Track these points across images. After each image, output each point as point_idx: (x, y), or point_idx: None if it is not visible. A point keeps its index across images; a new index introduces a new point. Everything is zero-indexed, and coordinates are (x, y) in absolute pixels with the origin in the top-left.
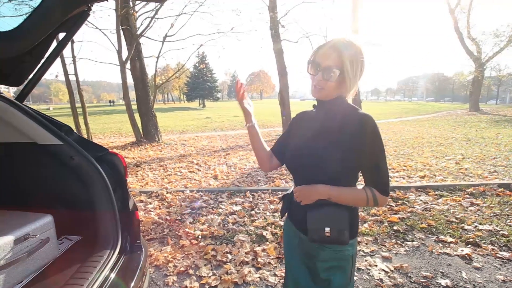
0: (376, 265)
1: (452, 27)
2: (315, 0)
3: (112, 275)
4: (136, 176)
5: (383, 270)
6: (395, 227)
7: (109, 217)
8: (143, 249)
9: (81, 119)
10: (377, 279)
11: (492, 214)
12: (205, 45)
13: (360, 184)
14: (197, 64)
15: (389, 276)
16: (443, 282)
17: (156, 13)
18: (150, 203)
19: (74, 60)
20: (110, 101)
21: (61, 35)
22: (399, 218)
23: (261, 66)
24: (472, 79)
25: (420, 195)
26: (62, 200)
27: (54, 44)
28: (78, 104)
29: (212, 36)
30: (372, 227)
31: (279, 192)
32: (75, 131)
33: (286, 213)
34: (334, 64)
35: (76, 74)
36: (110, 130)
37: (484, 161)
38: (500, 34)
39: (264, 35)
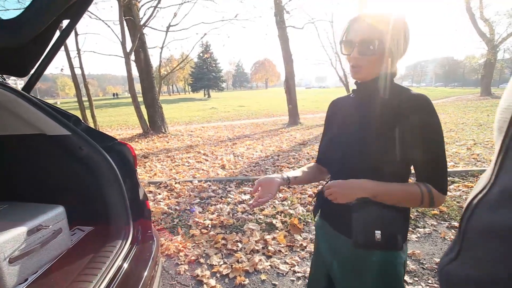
0: None
1: (464, 7)
2: None
3: (125, 265)
4: (144, 168)
5: None
6: None
7: (120, 207)
8: (154, 238)
9: (88, 113)
10: None
11: None
12: (209, 34)
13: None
14: (201, 54)
15: None
16: None
17: (158, 2)
18: (159, 194)
19: (79, 53)
20: (114, 94)
21: (65, 23)
22: None
23: (266, 54)
24: (484, 62)
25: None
26: (73, 191)
27: (57, 33)
28: (84, 98)
29: (216, 24)
30: None
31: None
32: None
33: (319, 211)
34: (370, 36)
35: (81, 67)
36: (117, 123)
37: None
38: None
39: (268, 21)
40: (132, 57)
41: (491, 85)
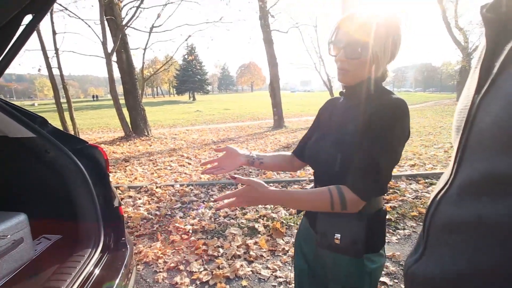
0: None
1: (440, 16)
2: None
3: (94, 275)
4: (124, 171)
5: None
6: (387, 216)
7: (90, 214)
8: (128, 246)
9: (67, 115)
10: None
11: None
12: (193, 36)
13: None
14: (186, 56)
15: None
16: None
17: (141, 2)
18: (139, 199)
19: (57, 53)
20: (93, 96)
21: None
22: (390, 207)
23: (251, 57)
24: (460, 68)
25: (410, 184)
26: (39, 197)
27: (20, 29)
28: (63, 100)
29: (201, 26)
30: None
31: (271, 184)
32: (50, 124)
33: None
34: (358, 38)
35: (59, 68)
36: (98, 125)
37: None
38: None
39: (254, 25)
40: (114, 58)
41: None
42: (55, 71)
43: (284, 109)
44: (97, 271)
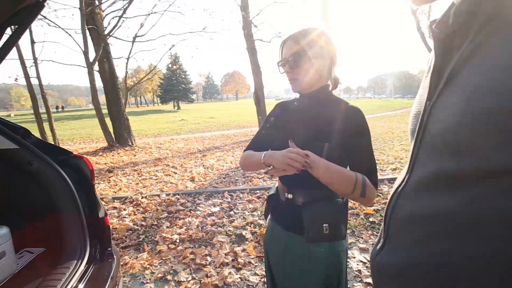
0: (355, 257)
1: (415, 27)
2: (286, 0)
3: (80, 287)
4: (108, 182)
5: (361, 261)
6: (370, 219)
7: (75, 225)
8: (114, 256)
9: (46, 126)
10: (356, 271)
11: None
12: (177, 46)
13: None
14: (170, 65)
15: (367, 267)
16: None
17: (124, 12)
18: (124, 209)
19: (35, 62)
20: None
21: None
22: (374, 210)
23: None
24: None
25: (392, 187)
26: (22, 209)
27: (4, 38)
28: (42, 110)
29: (184, 36)
30: (349, 220)
31: (258, 191)
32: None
33: (270, 215)
34: (295, 51)
35: (38, 77)
36: (79, 136)
37: None
38: None
39: (237, 34)
40: (96, 67)
41: None
42: (34, 81)
43: None
44: (81, 284)
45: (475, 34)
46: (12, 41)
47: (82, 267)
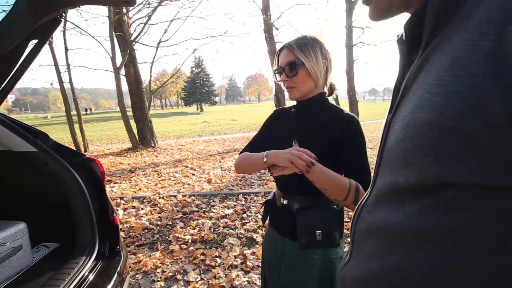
0: None
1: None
2: (309, 2)
3: (87, 282)
4: (130, 182)
5: None
6: None
7: (86, 223)
8: (122, 254)
9: (77, 127)
10: None
11: None
12: (200, 49)
13: None
14: (193, 69)
15: None
16: None
17: (149, 18)
18: (142, 209)
19: (68, 68)
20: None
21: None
22: None
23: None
24: None
25: None
26: (40, 207)
27: (26, 51)
28: (74, 112)
29: (206, 40)
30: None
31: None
32: (51, 138)
33: (267, 220)
34: (292, 58)
35: (70, 82)
36: (107, 137)
37: None
38: None
39: (257, 37)
40: (122, 71)
41: None
42: (67, 85)
43: None
44: (90, 277)
45: (424, 48)
46: (33, 54)
47: (91, 263)
